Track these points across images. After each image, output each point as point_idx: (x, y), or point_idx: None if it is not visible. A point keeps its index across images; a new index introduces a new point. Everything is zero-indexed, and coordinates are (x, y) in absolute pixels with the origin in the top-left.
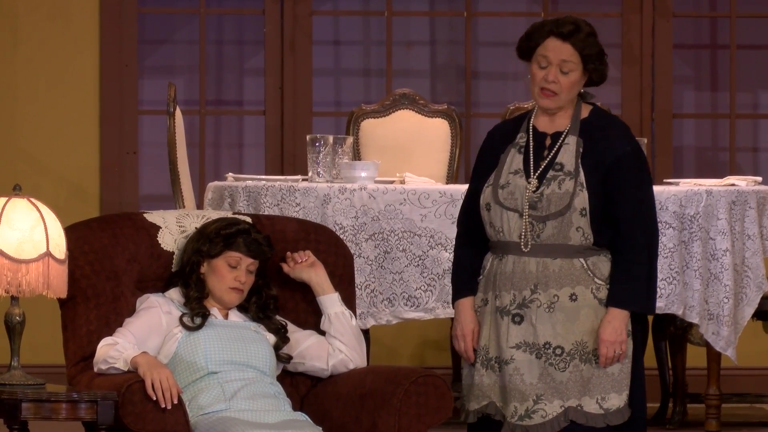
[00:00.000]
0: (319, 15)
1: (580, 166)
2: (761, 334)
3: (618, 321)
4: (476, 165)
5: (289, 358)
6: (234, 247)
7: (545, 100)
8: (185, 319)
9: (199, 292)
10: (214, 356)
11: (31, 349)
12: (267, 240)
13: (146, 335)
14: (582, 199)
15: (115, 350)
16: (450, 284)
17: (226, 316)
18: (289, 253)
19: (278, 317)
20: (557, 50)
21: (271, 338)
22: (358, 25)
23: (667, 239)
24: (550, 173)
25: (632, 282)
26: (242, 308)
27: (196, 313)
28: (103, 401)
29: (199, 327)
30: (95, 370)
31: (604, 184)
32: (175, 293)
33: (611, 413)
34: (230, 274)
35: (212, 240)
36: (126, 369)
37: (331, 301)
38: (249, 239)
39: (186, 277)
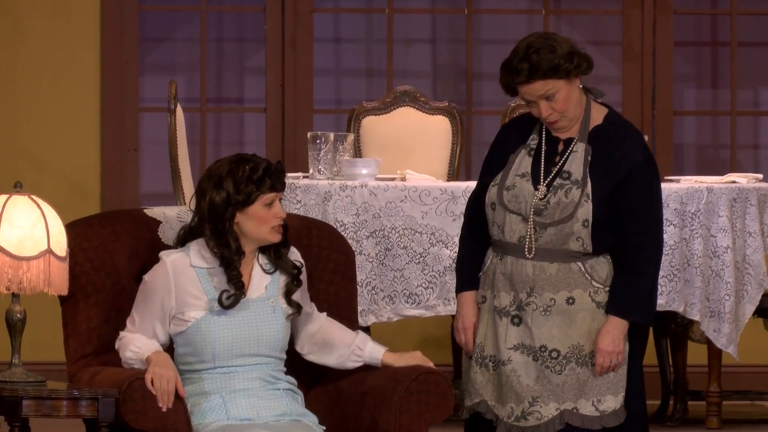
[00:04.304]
0: (320, 12)
1: (588, 175)
2: (762, 332)
3: (617, 331)
4: (488, 157)
5: (299, 307)
6: (265, 187)
7: (554, 128)
8: (226, 300)
9: (238, 245)
10: (222, 351)
11: (31, 347)
12: (279, 164)
13: (151, 329)
14: (586, 210)
15: (131, 351)
16: (451, 281)
17: (247, 284)
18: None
19: (294, 259)
20: (530, 92)
21: (286, 308)
22: (359, 22)
23: (668, 236)
24: (557, 181)
25: (635, 293)
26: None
27: (234, 283)
28: (104, 398)
29: (231, 306)
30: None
31: (613, 194)
32: (198, 247)
33: (607, 415)
34: (269, 213)
35: (244, 190)
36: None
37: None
38: (273, 174)
39: (221, 234)
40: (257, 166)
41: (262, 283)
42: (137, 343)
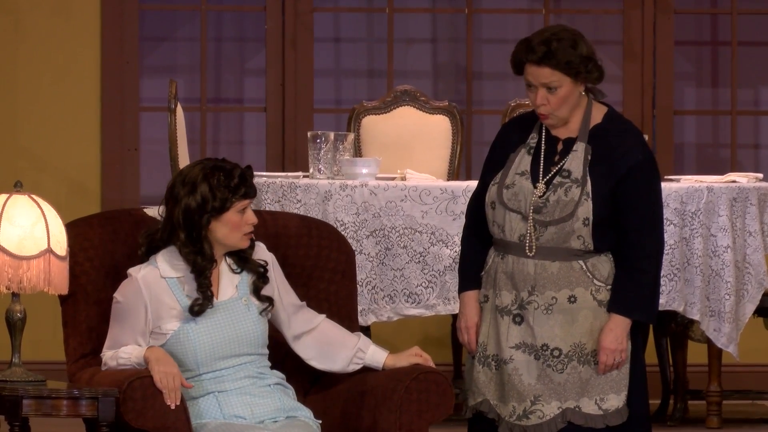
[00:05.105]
0: (321, 12)
1: (588, 174)
2: (762, 331)
3: (620, 329)
4: (488, 157)
5: (270, 300)
6: (240, 194)
7: (542, 120)
8: (195, 308)
9: (212, 253)
10: (204, 357)
11: (31, 346)
12: (250, 170)
13: (132, 342)
14: (586, 209)
15: (123, 358)
16: (451, 281)
17: (217, 287)
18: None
19: (259, 258)
20: (536, 75)
21: (259, 304)
22: (360, 22)
23: (668, 236)
24: (557, 179)
25: (637, 290)
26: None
27: (203, 291)
28: (104, 398)
29: (200, 312)
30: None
31: (613, 192)
32: (167, 256)
33: (610, 414)
34: (242, 220)
35: (219, 197)
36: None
37: (375, 353)
38: (246, 181)
39: (196, 241)
40: (232, 172)
41: (232, 283)
42: (126, 350)
